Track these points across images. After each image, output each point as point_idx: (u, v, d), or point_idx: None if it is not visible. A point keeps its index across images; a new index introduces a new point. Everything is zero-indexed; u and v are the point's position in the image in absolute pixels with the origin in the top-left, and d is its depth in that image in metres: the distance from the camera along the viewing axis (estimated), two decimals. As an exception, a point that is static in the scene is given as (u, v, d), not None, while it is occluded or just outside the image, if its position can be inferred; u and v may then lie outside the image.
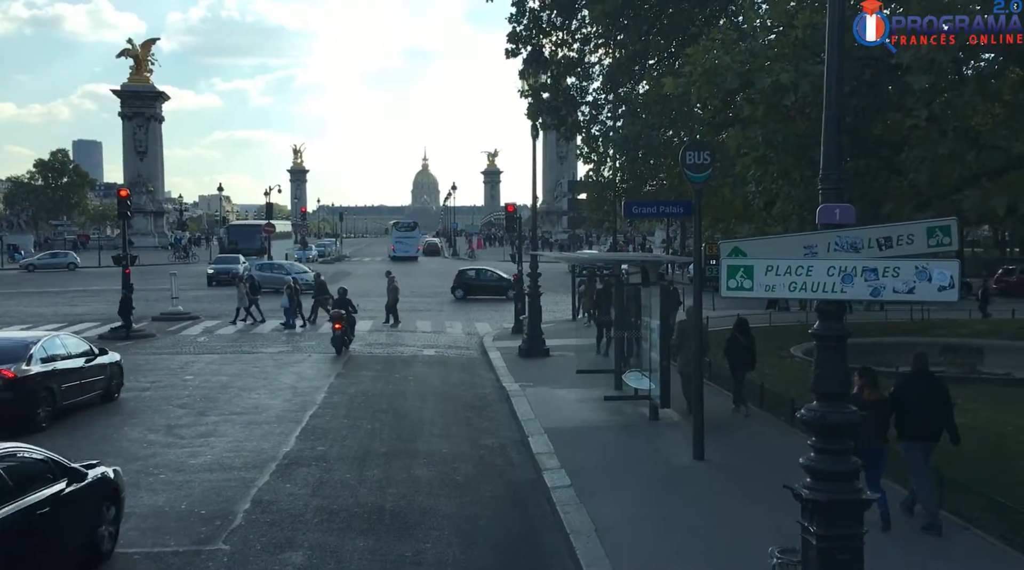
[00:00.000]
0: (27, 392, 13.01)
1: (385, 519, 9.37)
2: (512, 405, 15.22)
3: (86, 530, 7.76)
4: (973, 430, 12.51)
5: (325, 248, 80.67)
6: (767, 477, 9.95)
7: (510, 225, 40.18)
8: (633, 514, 9.20)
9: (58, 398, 13.72)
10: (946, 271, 5.46)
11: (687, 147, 11.48)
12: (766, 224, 16.38)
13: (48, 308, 32.65)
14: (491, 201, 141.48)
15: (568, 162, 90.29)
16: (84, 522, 7.72)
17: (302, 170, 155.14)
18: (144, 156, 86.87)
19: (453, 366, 20.51)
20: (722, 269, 5.91)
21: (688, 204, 13.14)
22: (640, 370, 14.65)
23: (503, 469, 11.57)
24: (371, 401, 15.98)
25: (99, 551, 7.94)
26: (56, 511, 7.08)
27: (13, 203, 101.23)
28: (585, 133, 23.30)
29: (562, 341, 22.33)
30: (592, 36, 22.67)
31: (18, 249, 67.90)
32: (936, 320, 27.44)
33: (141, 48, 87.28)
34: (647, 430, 13.15)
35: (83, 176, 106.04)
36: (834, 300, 5.72)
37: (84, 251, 72.30)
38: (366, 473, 11.14)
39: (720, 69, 13.27)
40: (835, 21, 5.87)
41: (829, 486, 5.70)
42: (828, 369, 5.76)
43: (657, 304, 13.03)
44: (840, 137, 5.86)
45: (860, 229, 6.05)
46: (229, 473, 11.07)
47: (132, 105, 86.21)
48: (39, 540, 6.88)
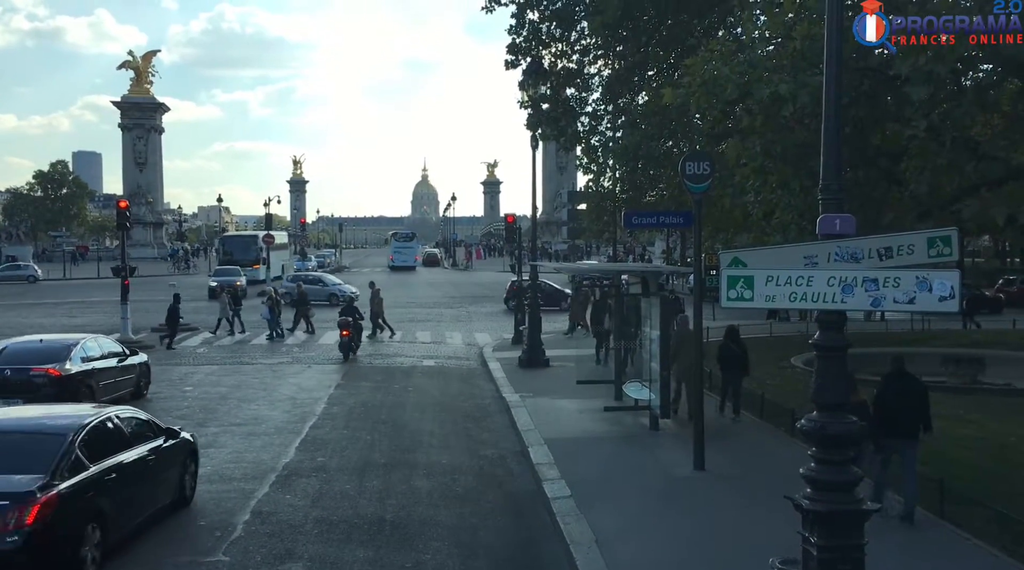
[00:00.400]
0: (70, 388, 14.11)
1: (385, 530, 9.34)
2: (512, 416, 15.19)
3: (177, 476, 10.03)
4: (976, 441, 12.53)
5: (324, 259, 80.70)
6: (768, 487, 9.93)
7: (510, 236, 40.20)
8: (633, 525, 9.17)
9: (96, 394, 14.71)
10: (946, 281, 5.46)
11: (687, 158, 11.51)
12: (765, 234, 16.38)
13: (48, 319, 32.60)
14: (491, 212, 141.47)
15: (568, 173, 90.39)
16: (176, 469, 10.02)
17: (302, 181, 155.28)
18: (144, 167, 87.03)
19: (453, 377, 20.49)
20: (722, 279, 5.92)
21: (688, 214, 13.16)
22: (640, 381, 14.63)
23: (503, 480, 11.54)
24: (371, 412, 15.96)
25: (185, 495, 10.18)
26: (158, 459, 9.46)
27: (12, 214, 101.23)
28: (585, 144, 23.31)
29: (562, 352, 22.31)
30: (591, 47, 22.71)
31: (17, 260, 67.81)
32: (936, 330, 27.43)
33: (142, 60, 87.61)
34: (647, 440, 13.12)
35: (83, 187, 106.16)
36: (834, 310, 5.72)
37: (83, 262, 72.33)
38: (366, 484, 11.11)
39: (719, 80, 13.31)
40: (833, 32, 5.90)
41: (830, 496, 5.69)
42: (828, 379, 5.76)
43: (657, 314, 13.04)
44: (839, 147, 5.88)
45: (860, 239, 6.06)
46: (229, 484, 11.04)
47: (132, 116, 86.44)
48: (149, 479, 9.20)
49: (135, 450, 9.06)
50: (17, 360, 14.53)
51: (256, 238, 57.86)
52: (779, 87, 12.14)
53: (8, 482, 7.38)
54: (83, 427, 8.39)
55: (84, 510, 7.84)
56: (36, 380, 14.03)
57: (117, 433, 9.00)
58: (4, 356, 14.64)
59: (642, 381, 14.45)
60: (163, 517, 9.53)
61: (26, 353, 14.83)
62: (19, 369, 14.24)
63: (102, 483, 8.18)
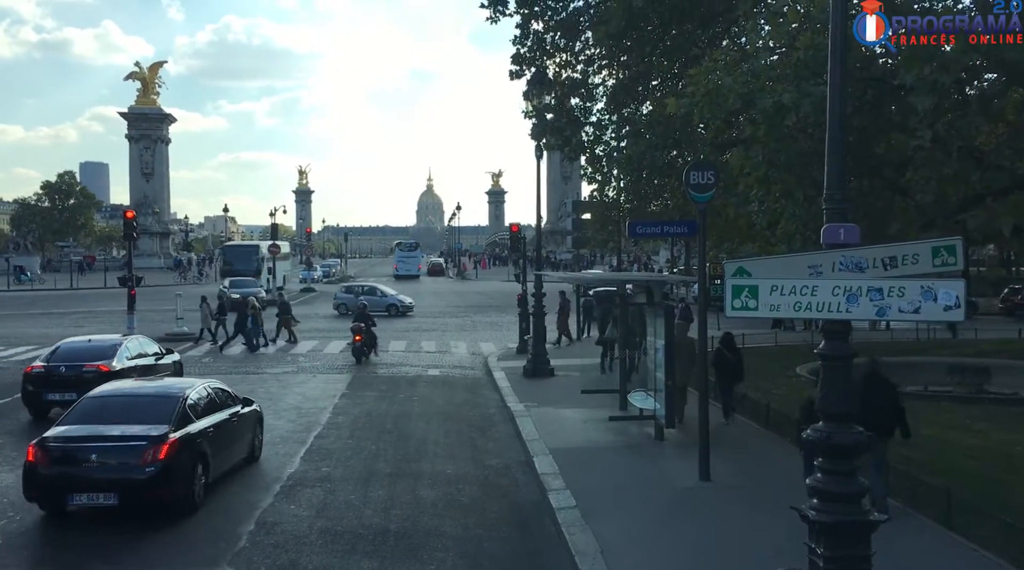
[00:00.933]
0: None
1: (390, 541, 9.32)
2: (517, 425, 15.17)
3: (251, 437, 12.62)
4: (982, 451, 12.47)
5: (330, 268, 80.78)
6: (773, 498, 9.90)
7: (515, 245, 40.26)
8: (639, 535, 9.14)
9: None
10: (952, 291, 5.45)
11: (691, 167, 11.51)
12: (769, 243, 16.40)
13: (55, 329, 32.69)
14: (495, 221, 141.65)
15: (572, 182, 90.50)
16: (250, 432, 12.61)
17: (307, 191, 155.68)
18: (150, 178, 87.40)
19: (457, 386, 20.47)
20: (727, 289, 5.92)
21: (692, 224, 13.17)
22: (645, 390, 14.60)
23: (508, 490, 11.51)
24: (376, 421, 15.95)
25: (254, 454, 12.72)
26: (238, 421, 12.08)
27: (20, 225, 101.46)
28: (589, 153, 23.36)
29: (566, 361, 22.28)
30: (596, 57, 22.79)
31: (24, 270, 68.06)
32: (942, 339, 27.33)
33: (148, 71, 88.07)
34: (652, 450, 13.09)
35: (89, 198, 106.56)
36: (839, 320, 5.72)
37: (90, 272, 72.51)
38: (371, 494, 11.10)
39: (722, 90, 13.36)
40: (837, 41, 5.91)
41: (836, 507, 5.66)
42: (834, 389, 5.75)
43: (662, 324, 13.02)
44: (843, 157, 5.89)
45: (865, 249, 6.05)
46: (234, 494, 11.03)
47: (139, 127, 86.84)
48: (231, 435, 11.74)
49: (223, 413, 11.62)
50: (70, 358, 16.21)
51: (257, 248, 56.54)
52: (782, 97, 12.18)
53: (144, 429, 10.00)
54: (188, 393, 11.03)
55: (193, 452, 10.39)
56: (87, 375, 15.39)
57: (210, 399, 11.59)
58: (58, 355, 16.40)
59: (647, 390, 14.42)
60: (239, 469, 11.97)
61: (77, 352, 16.57)
62: (72, 366, 15.86)
63: (203, 434, 10.73)
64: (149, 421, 10.18)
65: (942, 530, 9.05)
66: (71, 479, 9.69)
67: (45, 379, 15.83)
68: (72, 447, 9.90)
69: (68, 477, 9.72)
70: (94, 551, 9.02)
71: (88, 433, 10.02)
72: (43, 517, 10.06)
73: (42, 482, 9.80)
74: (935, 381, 18.58)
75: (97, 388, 11.95)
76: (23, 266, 69.72)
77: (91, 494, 9.66)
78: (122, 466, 9.73)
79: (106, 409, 10.63)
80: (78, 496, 9.69)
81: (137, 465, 9.67)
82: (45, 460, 9.79)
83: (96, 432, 10.02)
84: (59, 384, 15.61)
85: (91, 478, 9.66)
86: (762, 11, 16.58)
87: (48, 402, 15.68)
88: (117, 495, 9.62)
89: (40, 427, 12.74)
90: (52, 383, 15.73)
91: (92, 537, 9.45)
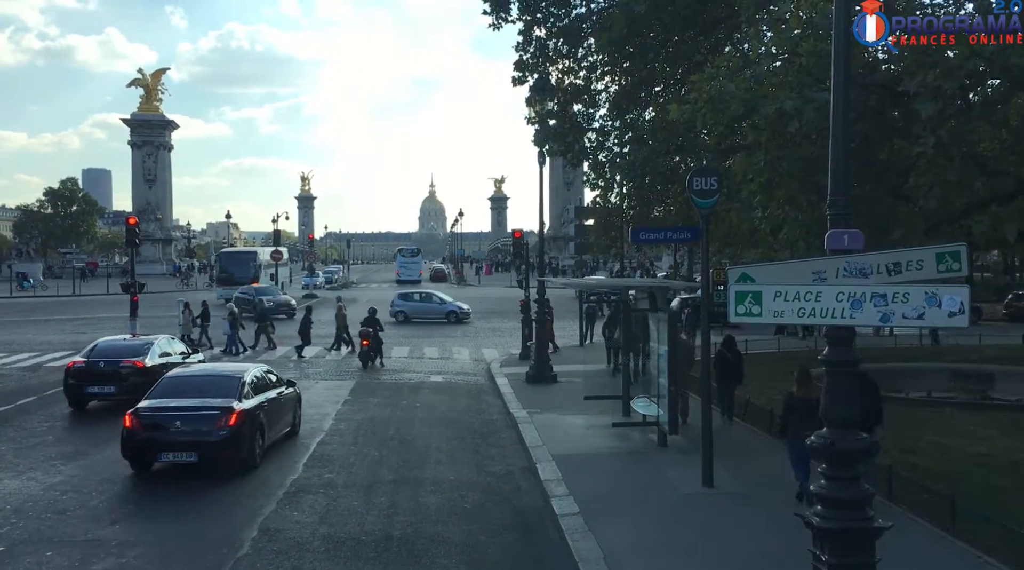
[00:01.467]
0: (151, 377, 16.20)
1: (392, 547, 9.30)
2: (520, 432, 15.15)
3: (293, 413, 14.97)
4: (986, 458, 12.42)
5: (333, 274, 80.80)
6: (777, 504, 9.88)
7: (517, 251, 40.22)
8: (642, 542, 9.11)
9: None
10: (956, 297, 5.44)
11: (694, 173, 11.51)
12: (773, 249, 16.38)
13: (56, 336, 32.75)
14: (498, 227, 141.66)
15: (575, 188, 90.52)
16: (291, 409, 14.91)
17: (310, 197, 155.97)
18: (153, 184, 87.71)
19: (460, 392, 20.45)
20: (730, 295, 5.90)
21: (695, 230, 13.16)
22: (648, 396, 14.58)
23: (511, 496, 11.49)
24: (378, 428, 15.93)
25: (295, 429, 15.06)
26: (285, 399, 14.50)
27: (23, 231, 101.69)
28: (592, 159, 23.35)
29: (569, 367, 22.26)
30: (598, 64, 22.80)
31: (27, 277, 68.16)
32: (946, 345, 27.27)
33: (151, 78, 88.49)
34: (655, 457, 13.06)
35: (92, 204, 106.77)
36: (843, 326, 5.70)
37: (93, 278, 72.62)
38: (373, 500, 11.08)
39: (725, 96, 13.36)
40: (840, 47, 5.91)
41: (840, 514, 5.64)
42: (838, 396, 5.73)
43: (665, 330, 13.00)
44: (847, 163, 5.89)
45: (869, 255, 6.05)
46: (237, 501, 11.02)
47: (142, 134, 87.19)
48: (280, 410, 14.07)
49: (272, 391, 13.87)
50: (108, 354, 17.75)
51: (255, 254, 55.81)
52: (784, 103, 12.18)
53: (216, 402, 12.33)
54: (246, 375, 13.44)
55: (254, 421, 12.67)
56: (124, 370, 17.18)
57: (263, 379, 13.93)
58: (96, 351, 17.90)
59: (650, 397, 14.40)
60: (283, 441, 14.18)
61: (114, 349, 18.28)
62: (111, 361, 17.40)
63: (260, 407, 12.99)
64: (219, 395, 12.55)
65: (946, 537, 9.01)
66: (160, 441, 12.04)
67: (86, 373, 17.24)
68: (160, 416, 12.25)
69: (157, 439, 12.06)
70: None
71: (172, 404, 12.38)
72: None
73: (137, 443, 12.12)
74: (939, 387, 18.55)
75: (173, 370, 14.71)
76: (25, 273, 69.89)
77: (176, 453, 12.06)
78: (200, 431, 12.01)
79: (183, 386, 13.09)
80: (166, 454, 12.11)
81: (212, 430, 12.00)
82: (139, 426, 12.11)
83: (178, 404, 12.35)
84: (98, 378, 17.19)
85: (176, 440, 12.00)
86: (764, 18, 16.60)
87: (88, 395, 17.23)
88: (197, 453, 11.99)
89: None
90: (92, 377, 17.20)
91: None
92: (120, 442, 12.27)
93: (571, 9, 22.46)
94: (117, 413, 17.19)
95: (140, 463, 12.31)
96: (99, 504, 10.92)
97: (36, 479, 12.16)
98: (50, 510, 10.63)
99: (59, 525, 10.07)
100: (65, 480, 12.09)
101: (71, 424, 16.29)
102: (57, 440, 14.82)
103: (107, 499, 11.18)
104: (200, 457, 11.98)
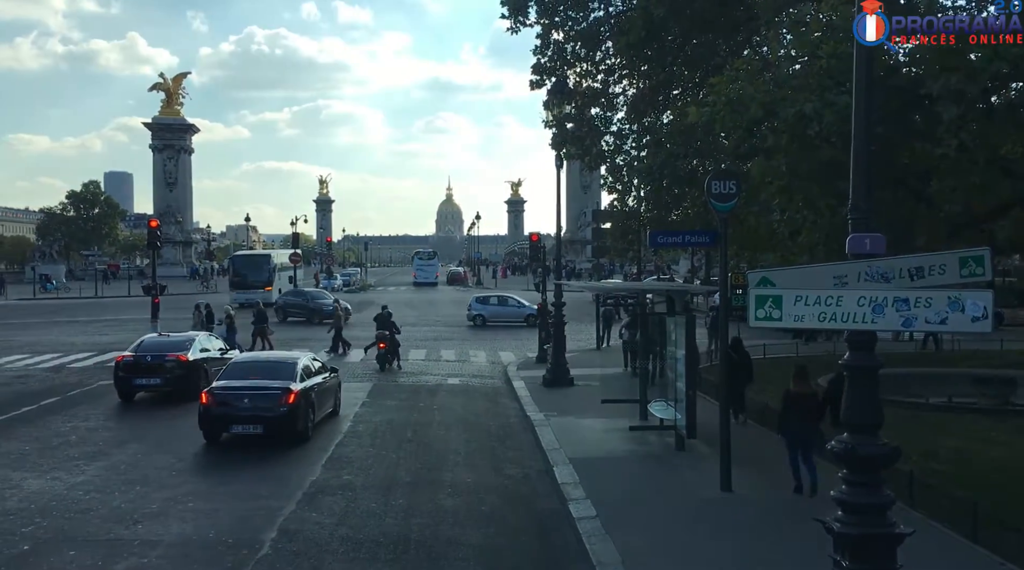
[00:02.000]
0: (192, 371, 18.63)
1: (410, 549, 9.33)
2: (536, 435, 15.15)
3: (334, 397, 16.95)
4: (1008, 463, 12.28)
5: (350, 277, 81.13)
6: (796, 509, 9.83)
7: (534, 254, 40.21)
8: (660, 547, 9.09)
9: (210, 377, 17.84)
10: (979, 302, 5.40)
11: (712, 176, 11.49)
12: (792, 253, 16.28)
13: (79, 337, 33.11)
14: (515, 230, 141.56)
15: (592, 191, 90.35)
16: (333, 393, 16.93)
17: (328, 200, 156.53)
18: (174, 187, 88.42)
19: (477, 395, 20.48)
20: (751, 299, 5.89)
21: (713, 234, 13.12)
22: (665, 400, 14.55)
23: (528, 499, 11.50)
24: (396, 430, 15.99)
25: (336, 410, 17.05)
26: (328, 384, 16.50)
27: (46, 234, 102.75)
28: (609, 163, 23.31)
29: (586, 370, 22.22)
30: (616, 67, 22.75)
31: (50, 279, 68.92)
32: (967, 351, 26.98)
33: (172, 82, 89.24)
34: (673, 460, 13.02)
35: (114, 207, 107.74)
36: (865, 330, 5.67)
37: (114, 280, 73.32)
38: (391, 502, 11.12)
39: (744, 99, 13.30)
40: (863, 51, 5.89)
41: (861, 519, 5.62)
42: (859, 401, 5.70)
43: (683, 334, 12.97)
44: (869, 167, 5.86)
45: (891, 259, 6.01)
46: (256, 501, 11.10)
47: (163, 137, 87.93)
48: (326, 393, 16.17)
49: (319, 376, 15.88)
50: (153, 349, 19.13)
51: (268, 257, 53.65)
52: (804, 106, 12.12)
53: (277, 383, 14.41)
54: (299, 361, 15.59)
55: (307, 400, 14.76)
56: (168, 364, 18.61)
57: (312, 366, 15.99)
58: (143, 347, 19.32)
59: (667, 400, 14.36)
60: (327, 420, 16.21)
61: (159, 345, 19.57)
62: (156, 356, 18.79)
63: (311, 389, 15.08)
64: (279, 378, 14.59)
65: (968, 544, 8.92)
66: (231, 415, 14.17)
67: (134, 367, 18.62)
68: (230, 394, 14.29)
69: (229, 414, 14.18)
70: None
71: (240, 385, 14.45)
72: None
73: (211, 417, 14.24)
74: (960, 392, 18.35)
75: (238, 356, 17.90)
76: (48, 275, 70.64)
77: (244, 425, 14.16)
78: (265, 407, 14.09)
79: (248, 370, 15.28)
80: (236, 426, 14.25)
81: (275, 406, 14.06)
82: (213, 403, 14.20)
83: (245, 384, 14.44)
84: (145, 371, 18.60)
85: (244, 415, 14.09)
86: (784, 20, 16.53)
87: (136, 386, 18.69)
88: (262, 426, 14.09)
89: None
90: (140, 370, 18.58)
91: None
92: (197, 416, 14.37)
93: (589, 12, 22.43)
94: (137, 417, 17.47)
95: (213, 435, 14.34)
96: (121, 504, 11.02)
97: (60, 479, 12.30)
98: (73, 509, 10.75)
99: (82, 525, 10.19)
100: (88, 480, 12.22)
101: (93, 425, 16.46)
102: (80, 440, 14.98)
103: (129, 499, 11.28)
104: (264, 429, 14.05)
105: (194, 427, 14.51)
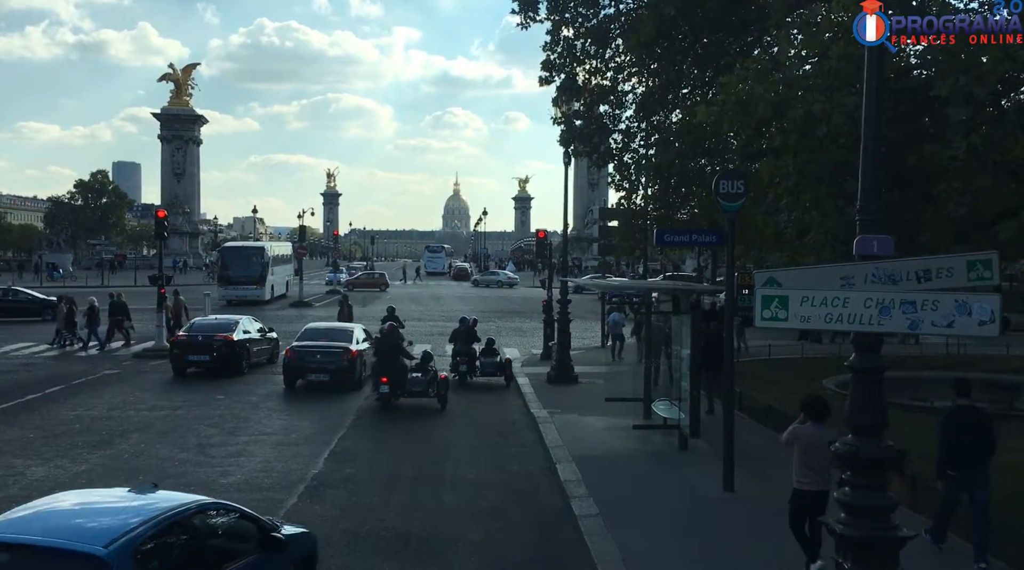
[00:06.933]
0: (237, 350, 21.26)
1: (411, 544, 9.34)
2: (540, 431, 15.15)
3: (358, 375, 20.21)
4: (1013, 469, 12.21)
5: (357, 272, 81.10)
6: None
7: (541, 251, 40.18)
8: (662, 546, 9.08)
9: (251, 356, 21.90)
10: (987, 305, 5.37)
11: (720, 176, 11.45)
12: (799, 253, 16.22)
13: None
14: (521, 227, 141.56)
15: (599, 189, 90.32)
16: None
17: (335, 194, 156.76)
18: (181, 178, 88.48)
19: (481, 391, 20.48)
20: (757, 299, 5.87)
21: (721, 233, 13.08)
22: (669, 399, 14.52)
23: (530, 496, 11.50)
24: (399, 424, 16.00)
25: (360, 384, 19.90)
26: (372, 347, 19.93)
27: (53, 222, 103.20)
28: (617, 161, 23.26)
29: (591, 368, 22.22)
30: (626, 65, 22.68)
31: (57, 267, 69.14)
32: (973, 355, 26.87)
33: (182, 73, 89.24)
34: (676, 460, 13.01)
35: (122, 197, 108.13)
36: (871, 332, 5.65)
37: (121, 270, 73.50)
38: (393, 497, 11.13)
39: (753, 99, 13.25)
40: (873, 52, 5.85)
41: (864, 522, 5.59)
42: (863, 403, 5.67)
43: (688, 333, 12.95)
44: (877, 168, 5.82)
45: (898, 261, 5.98)
46: (258, 493, 11.12)
47: (171, 128, 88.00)
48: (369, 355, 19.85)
49: (366, 342, 20.34)
50: (203, 330, 21.83)
51: (261, 250, 46.88)
52: (813, 107, 12.07)
53: (340, 344, 19.58)
54: (353, 330, 20.71)
55: (360, 359, 19.57)
56: (216, 343, 21.06)
57: (362, 333, 20.75)
58: (194, 328, 22.22)
59: (671, 400, 14.34)
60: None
61: (208, 326, 22.28)
62: (207, 336, 21.33)
63: (363, 352, 19.78)
64: (341, 340, 19.78)
65: (971, 548, 8.87)
66: (306, 366, 19.15)
67: (187, 345, 21.24)
68: (306, 351, 19.31)
69: (304, 365, 19.16)
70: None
71: (313, 344, 19.54)
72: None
73: (292, 367, 19.25)
74: (966, 397, 18.24)
75: (309, 324, 22.30)
76: (56, 263, 70.82)
77: (316, 374, 19.10)
78: (332, 361, 19.05)
79: (318, 334, 20.33)
80: (310, 375, 19.18)
81: (339, 361, 19.09)
82: (293, 357, 19.23)
83: (316, 344, 19.53)
84: (197, 349, 21.09)
85: (316, 366, 19.04)
86: (795, 20, 16.46)
87: (188, 362, 21.08)
88: (329, 375, 18.97)
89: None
90: (192, 348, 21.11)
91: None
92: (282, 367, 19.67)
93: (599, 9, 22.37)
94: (140, 406, 17.52)
95: (291, 381, 19.25)
96: (124, 493, 11.05)
97: (63, 467, 12.36)
98: (76, 498, 10.78)
99: (85, 513, 10.21)
100: (91, 469, 12.27)
101: (98, 413, 16.52)
102: (84, 429, 15.03)
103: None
104: (331, 377, 18.86)
105: (198, 420, 14.50)
